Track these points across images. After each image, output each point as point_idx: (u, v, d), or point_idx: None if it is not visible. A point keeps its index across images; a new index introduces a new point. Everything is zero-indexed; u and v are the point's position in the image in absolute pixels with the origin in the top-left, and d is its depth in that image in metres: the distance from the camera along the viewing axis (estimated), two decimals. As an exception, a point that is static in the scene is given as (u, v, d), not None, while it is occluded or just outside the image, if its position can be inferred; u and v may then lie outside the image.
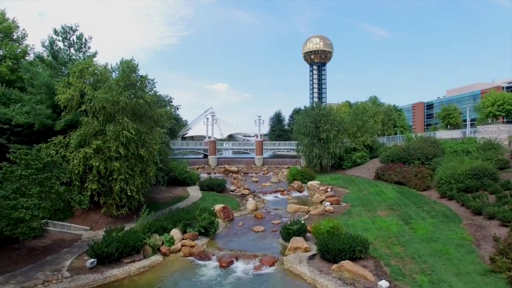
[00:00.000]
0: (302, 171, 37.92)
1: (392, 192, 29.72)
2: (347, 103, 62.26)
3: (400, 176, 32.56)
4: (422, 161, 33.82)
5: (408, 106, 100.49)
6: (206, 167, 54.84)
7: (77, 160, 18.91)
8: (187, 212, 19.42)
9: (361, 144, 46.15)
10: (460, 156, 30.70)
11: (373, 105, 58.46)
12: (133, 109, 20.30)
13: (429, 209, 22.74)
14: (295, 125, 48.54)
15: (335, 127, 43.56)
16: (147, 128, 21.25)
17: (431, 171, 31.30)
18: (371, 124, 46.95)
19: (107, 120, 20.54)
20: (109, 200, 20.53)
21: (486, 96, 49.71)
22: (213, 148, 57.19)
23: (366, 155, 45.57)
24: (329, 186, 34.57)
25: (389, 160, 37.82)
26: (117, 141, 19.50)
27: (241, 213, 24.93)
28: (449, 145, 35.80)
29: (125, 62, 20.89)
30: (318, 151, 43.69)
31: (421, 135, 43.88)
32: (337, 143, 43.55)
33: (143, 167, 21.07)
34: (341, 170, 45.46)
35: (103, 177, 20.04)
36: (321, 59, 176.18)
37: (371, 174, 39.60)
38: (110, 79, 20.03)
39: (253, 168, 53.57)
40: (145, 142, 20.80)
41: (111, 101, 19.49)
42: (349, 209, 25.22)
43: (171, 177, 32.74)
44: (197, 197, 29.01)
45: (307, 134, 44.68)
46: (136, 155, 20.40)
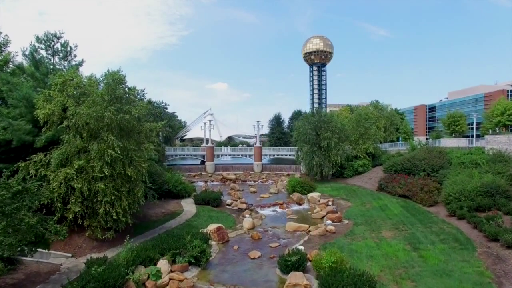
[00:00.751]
0: (302, 182, 36.38)
1: (396, 207, 28.19)
2: (348, 107, 60.65)
3: (405, 189, 31.02)
4: (428, 173, 32.27)
5: (410, 108, 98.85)
6: (204, 174, 53.33)
7: (57, 183, 17.35)
8: (177, 239, 17.87)
9: (363, 151, 44.63)
10: (468, 169, 29.16)
11: (375, 110, 56.85)
12: (120, 125, 18.75)
13: (438, 231, 21.20)
14: (295, 131, 47.02)
15: (336, 134, 42.05)
16: (135, 145, 19.68)
17: (437, 184, 29.77)
18: (373, 131, 45.40)
19: (91, 137, 19.01)
20: (94, 222, 18.99)
21: (496, 105, 48.18)
22: (211, 154, 55.65)
23: (368, 163, 44.04)
24: (330, 198, 33.05)
25: (392, 170, 36.27)
26: (102, 161, 17.97)
27: (237, 232, 23.40)
28: (455, 155, 34.22)
29: (110, 73, 19.33)
30: (319, 159, 42.19)
31: (425, 143, 42.33)
32: (338, 151, 42.05)
33: (131, 187, 19.53)
34: (342, 178, 43.97)
35: (87, 199, 18.52)
36: (321, 60, 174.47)
37: (374, 185, 38.08)
38: (94, 93, 18.45)
39: (251, 176, 52.03)
40: (132, 160, 19.25)
41: (94, 117, 17.94)
42: (351, 228, 23.69)
43: (164, 190, 31.20)
44: (191, 213, 27.48)
45: (307, 141, 43.16)
46: (122, 175, 18.86)
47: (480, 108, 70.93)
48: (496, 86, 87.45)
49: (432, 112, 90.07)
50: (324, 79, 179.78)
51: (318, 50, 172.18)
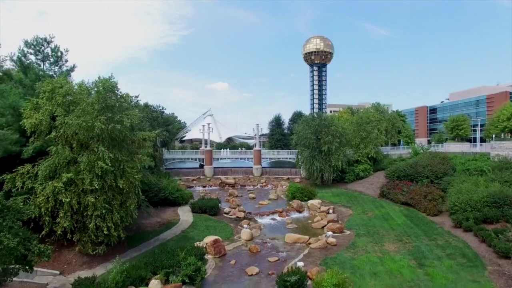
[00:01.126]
0: (302, 188, 35.50)
1: (400, 216, 27.32)
2: (348, 109, 59.74)
3: (408, 197, 30.17)
4: (431, 180, 31.43)
5: (411, 110, 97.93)
6: (202, 178, 52.42)
7: (43, 197, 16.49)
8: (171, 255, 17.01)
9: (364, 156, 43.75)
10: (473, 176, 28.32)
11: (376, 112, 55.93)
12: (111, 135, 17.87)
13: (444, 244, 20.34)
14: (295, 135, 46.12)
15: (337, 138, 41.15)
16: (127, 156, 18.81)
17: (441, 191, 28.94)
18: (375, 135, 44.51)
19: (81, 147, 18.15)
20: (84, 237, 18.13)
21: (501, 109, 47.23)
22: (209, 157, 54.71)
23: (369, 168, 43.18)
24: (331, 206, 32.17)
25: (394, 176, 35.42)
26: (92, 173, 17.11)
27: (235, 244, 22.52)
28: (459, 161, 33.40)
29: (101, 81, 18.42)
30: (319, 164, 41.33)
31: (427, 147, 41.41)
32: (339, 156, 41.17)
33: (123, 199, 18.64)
34: (343, 183, 43.10)
35: (77, 213, 17.67)
36: (322, 60, 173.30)
37: (376, 191, 37.23)
38: (84, 101, 17.55)
39: (250, 180, 51.11)
40: (125, 172, 18.36)
41: (84, 127, 17.08)
42: (353, 240, 22.82)
43: (160, 197, 30.38)
44: (187, 223, 26.60)
45: (307, 146, 42.28)
46: (114, 187, 17.98)
47: (483, 110, 70.03)
48: (498, 88, 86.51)
49: (434, 113, 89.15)
50: (324, 79, 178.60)
51: (318, 50, 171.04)
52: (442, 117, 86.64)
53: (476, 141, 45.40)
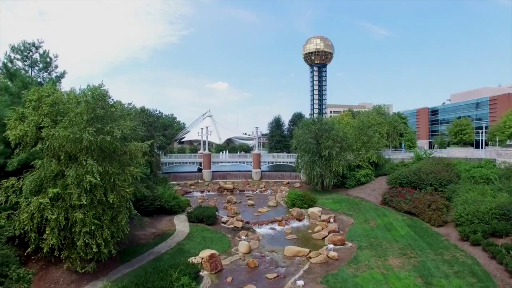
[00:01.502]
0: (302, 195, 34.57)
1: (403, 226, 26.40)
2: (349, 112, 58.76)
3: (411, 205, 29.23)
4: (435, 187, 30.51)
5: (412, 111, 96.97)
6: (200, 182, 51.52)
7: (27, 214, 15.57)
8: (163, 275, 16.09)
9: (365, 161, 42.83)
10: (479, 185, 27.42)
11: (377, 115, 54.93)
12: (100, 147, 16.91)
13: (451, 259, 19.41)
14: (295, 139, 45.20)
15: (338, 143, 40.24)
16: (118, 168, 17.85)
17: (446, 200, 28.02)
18: (376, 139, 43.56)
19: (69, 160, 17.20)
20: (73, 254, 17.20)
21: (508, 115, 46.16)
22: (208, 161, 53.79)
23: (371, 173, 42.26)
24: (332, 214, 31.22)
25: (397, 183, 34.48)
26: (80, 187, 16.17)
27: (232, 258, 21.59)
28: (464, 167, 32.47)
29: (90, 89, 17.47)
30: (320, 169, 40.42)
31: (430, 152, 40.47)
32: (340, 161, 40.25)
33: (114, 214, 17.70)
34: (344, 189, 42.18)
35: (64, 229, 16.74)
36: (322, 60, 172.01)
37: (377, 197, 36.32)
38: (72, 111, 16.60)
39: (249, 184, 50.19)
40: (115, 185, 17.43)
41: (71, 139, 16.12)
42: (355, 253, 21.88)
43: (156, 206, 29.47)
44: (183, 234, 25.67)
45: (307, 151, 41.37)
46: (104, 202, 17.04)
47: (485, 112, 69.08)
48: (500, 89, 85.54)
49: (435, 115, 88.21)
50: (324, 79, 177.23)
51: (318, 51, 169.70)
52: (443, 118, 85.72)
53: (481, 146, 44.55)
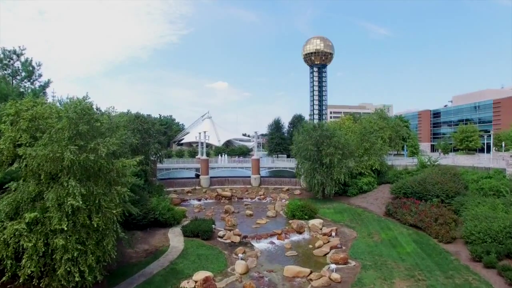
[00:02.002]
0: (302, 206, 33.23)
1: (409, 242, 25.05)
2: (351, 116, 57.43)
3: (417, 218, 27.89)
4: (442, 199, 29.16)
5: (414, 113, 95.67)
6: (198, 189, 50.19)
7: (1, 240, 14.21)
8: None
9: (368, 168, 41.50)
10: (489, 198, 26.08)
11: (379, 119, 53.70)
12: (84, 166, 15.56)
13: (463, 284, 18.07)
14: (295, 146, 43.87)
15: (340, 150, 38.89)
16: (104, 187, 16.49)
17: (454, 214, 26.68)
18: (379, 145, 42.21)
19: (50, 180, 15.84)
20: (54, 281, 15.83)
21: None
22: (206, 167, 52.43)
23: (373, 181, 40.93)
24: (333, 227, 29.90)
25: (401, 193, 33.14)
26: (61, 211, 14.83)
27: (228, 280, 20.24)
28: (471, 177, 31.14)
29: (73, 103, 16.11)
30: (321, 177, 39.08)
31: (435, 159, 39.12)
32: (342, 169, 38.89)
33: (99, 237, 16.35)
34: (345, 197, 40.86)
35: (45, 255, 15.37)
36: (322, 61, 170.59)
37: (381, 207, 35.00)
38: (52, 128, 15.25)
39: (248, 191, 48.85)
40: (101, 207, 16.08)
41: (51, 158, 14.78)
42: (359, 274, 20.53)
43: (150, 219, 28.15)
44: (177, 250, 24.31)
45: (307, 158, 40.02)
46: (88, 225, 15.69)
47: (489, 115, 67.74)
48: (503, 91, 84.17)
49: (437, 117, 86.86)
50: (324, 80, 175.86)
51: (318, 51, 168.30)
52: (446, 121, 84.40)
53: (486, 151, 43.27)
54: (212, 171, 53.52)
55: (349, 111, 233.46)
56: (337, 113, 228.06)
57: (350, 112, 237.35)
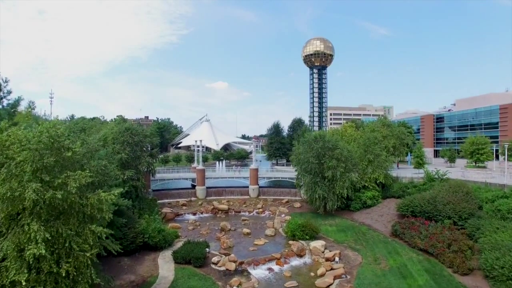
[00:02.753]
0: (303, 225, 31.05)
1: (420, 272, 22.86)
2: (353, 123, 55.35)
3: (427, 243, 25.71)
4: (454, 221, 26.99)
5: (416, 117, 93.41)
6: (193, 201, 48.01)
7: None
8: None
9: (372, 181, 39.35)
10: (507, 221, 23.91)
11: (383, 127, 51.47)
12: (51, 204, 13.39)
13: (487, 332, 15.89)
14: (295, 157, 41.74)
15: (342, 163, 36.73)
16: (77, 227, 14.33)
17: (469, 239, 24.52)
18: (383, 157, 40.04)
19: (11, 220, 13.67)
20: None
21: None
22: (202, 177, 50.22)
23: (378, 195, 38.78)
24: (337, 250, 27.68)
25: (408, 211, 31.01)
26: (21, 261, 12.67)
27: (221, 322, 18.06)
28: (485, 196, 28.97)
29: (39, 131, 13.89)
30: (322, 192, 36.88)
31: (443, 173, 36.94)
32: (345, 183, 36.73)
33: (70, 285, 14.17)
34: (348, 212, 38.72)
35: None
36: (322, 62, 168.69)
37: (386, 226, 32.88)
38: (12, 161, 13.08)
39: (246, 203, 46.68)
40: (72, 250, 13.91)
41: (10, 198, 12.61)
42: (369, 315, 18.35)
43: (138, 244, 25.99)
44: (166, 282, 22.12)
45: (308, 171, 37.87)
46: (56, 273, 13.52)
47: (495, 121, 65.64)
48: (508, 94, 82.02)
49: (440, 122, 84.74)
50: (324, 82, 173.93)
51: (318, 52, 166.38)
52: (449, 126, 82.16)
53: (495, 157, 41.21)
54: (209, 181, 51.36)
55: (349, 112, 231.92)
56: (337, 115, 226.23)
57: (350, 114, 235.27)
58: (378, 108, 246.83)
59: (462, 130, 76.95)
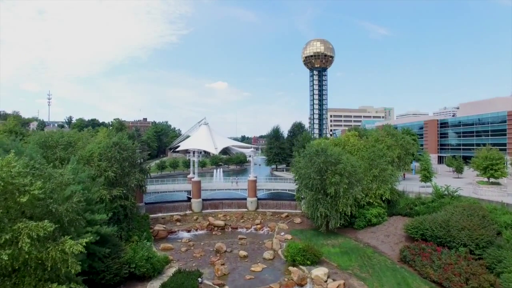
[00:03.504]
0: (303, 249, 28.67)
1: (436, 312, 20.49)
2: (355, 132, 52.94)
3: (441, 274, 23.35)
4: (471, 250, 24.60)
5: (420, 122, 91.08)
6: (188, 214, 45.59)
7: None
8: None
9: (377, 197, 36.95)
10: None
11: (387, 136, 49.11)
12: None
13: None
14: (296, 172, 39.36)
15: (346, 178, 34.35)
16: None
17: (488, 272, 22.14)
18: (389, 171, 37.67)
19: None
20: None
21: None
22: (197, 189, 47.84)
23: (383, 213, 36.42)
24: (341, 280, 25.28)
25: (418, 234, 28.71)
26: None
27: None
28: (503, 220, 26.58)
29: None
30: (324, 209, 34.56)
31: (454, 190, 34.53)
32: (348, 200, 34.42)
33: None
34: (352, 230, 36.37)
35: None
36: (322, 64, 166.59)
37: (393, 248, 30.59)
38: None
39: (244, 218, 44.28)
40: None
41: None
42: None
43: (123, 275, 23.61)
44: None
45: (310, 187, 35.48)
46: None
47: (503, 129, 63.34)
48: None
49: (445, 127, 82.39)
50: (325, 84, 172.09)
51: (318, 54, 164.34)
52: (454, 132, 79.87)
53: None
54: (205, 192, 48.99)
55: (349, 114, 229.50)
56: (337, 117, 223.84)
57: (351, 116, 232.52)
58: (378, 110, 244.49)
59: (468, 136, 74.69)
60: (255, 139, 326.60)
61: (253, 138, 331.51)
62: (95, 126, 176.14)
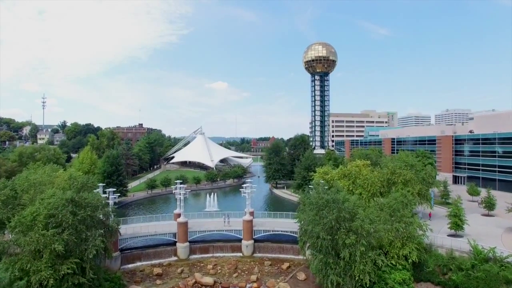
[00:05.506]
0: None
1: None
2: (367, 162, 45.75)
3: None
4: None
5: (432, 137, 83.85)
6: (173, 264, 38.72)
7: None
8: None
9: (401, 258, 29.88)
10: None
11: (405, 168, 42.04)
12: None
13: None
14: (300, 227, 32.40)
15: (364, 238, 27.41)
16: None
17: None
18: (417, 224, 30.64)
19: None
20: None
21: None
22: (184, 232, 40.91)
23: (408, 279, 29.33)
24: None
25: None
26: None
27: None
28: None
29: None
30: (336, 277, 27.57)
31: (503, 256, 27.56)
32: (366, 265, 27.45)
33: None
34: (370, 300, 29.36)
35: None
36: (324, 69, 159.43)
37: None
38: None
39: (238, 270, 37.25)
40: None
41: None
42: None
43: None
44: None
45: (318, 248, 28.55)
46: None
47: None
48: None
49: (460, 144, 75.29)
50: (327, 89, 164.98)
51: (321, 58, 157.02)
52: (471, 150, 72.70)
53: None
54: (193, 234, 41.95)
55: (352, 119, 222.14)
56: (339, 122, 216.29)
57: (353, 121, 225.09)
58: (381, 115, 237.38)
59: (488, 156, 67.59)
60: (254, 142, 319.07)
61: (253, 141, 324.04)
62: (90, 132, 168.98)
